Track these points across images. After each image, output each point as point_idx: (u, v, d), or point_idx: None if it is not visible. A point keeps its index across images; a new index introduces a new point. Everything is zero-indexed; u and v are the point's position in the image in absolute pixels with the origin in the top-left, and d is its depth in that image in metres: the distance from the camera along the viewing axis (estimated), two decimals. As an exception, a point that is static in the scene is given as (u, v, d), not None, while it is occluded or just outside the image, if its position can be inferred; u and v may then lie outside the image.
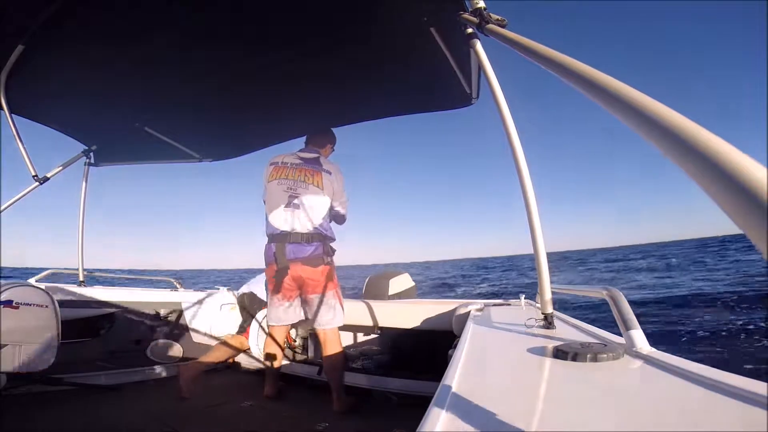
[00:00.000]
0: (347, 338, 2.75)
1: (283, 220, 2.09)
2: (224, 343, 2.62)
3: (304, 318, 2.29)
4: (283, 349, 2.36)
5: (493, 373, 0.72)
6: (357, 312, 2.65)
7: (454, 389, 0.62)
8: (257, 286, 2.93)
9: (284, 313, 2.22)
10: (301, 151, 2.31)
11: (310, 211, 2.09)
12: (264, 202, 2.22)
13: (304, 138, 2.49)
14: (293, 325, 2.64)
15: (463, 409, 0.54)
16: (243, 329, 2.77)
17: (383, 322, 2.66)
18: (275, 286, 2.15)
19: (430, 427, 0.47)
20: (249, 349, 2.63)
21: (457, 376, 0.69)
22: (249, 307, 2.87)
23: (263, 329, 2.70)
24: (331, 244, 2.23)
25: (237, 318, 3.00)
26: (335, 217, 2.28)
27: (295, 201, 2.09)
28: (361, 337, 2.84)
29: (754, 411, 0.49)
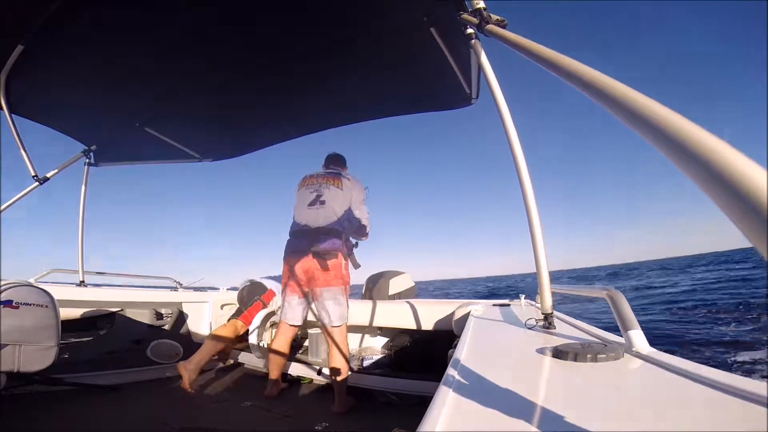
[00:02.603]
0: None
1: (305, 216, 2.27)
2: (218, 331, 2.62)
3: (314, 317, 2.33)
4: (289, 350, 2.38)
5: (493, 373, 0.72)
6: (357, 312, 2.65)
7: (454, 389, 0.62)
8: (264, 281, 2.95)
9: (296, 310, 2.29)
10: (325, 169, 2.55)
11: (330, 208, 2.26)
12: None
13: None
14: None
15: (463, 409, 0.54)
16: (238, 314, 2.76)
17: (383, 322, 2.66)
18: (289, 278, 2.25)
19: (430, 427, 0.47)
20: (248, 332, 2.63)
21: (457, 376, 0.69)
22: (247, 297, 2.87)
23: (264, 328, 2.70)
24: (349, 244, 2.35)
25: None
26: (357, 228, 2.40)
27: (320, 199, 2.29)
28: (361, 337, 2.84)
29: (754, 411, 0.49)
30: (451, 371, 0.72)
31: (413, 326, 2.53)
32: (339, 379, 2.13)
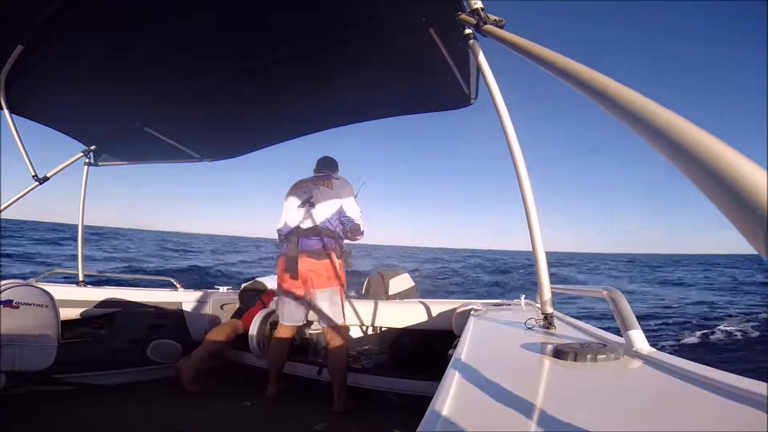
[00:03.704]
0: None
1: (296, 217, 2.28)
2: (217, 330, 2.62)
3: (309, 317, 2.33)
4: (289, 350, 2.38)
5: (493, 373, 0.72)
6: (357, 312, 2.65)
7: (454, 389, 0.62)
8: (266, 280, 2.95)
9: (293, 310, 2.28)
10: (316, 173, 2.55)
11: (321, 208, 2.27)
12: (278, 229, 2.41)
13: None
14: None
15: (463, 409, 0.54)
16: (239, 315, 2.75)
17: (383, 322, 2.66)
18: (284, 279, 2.25)
19: (430, 427, 0.47)
20: (244, 332, 2.62)
21: (457, 376, 0.69)
22: (249, 296, 2.86)
23: (265, 328, 2.70)
24: (341, 242, 2.34)
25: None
26: (352, 228, 2.39)
27: (310, 200, 2.29)
28: (361, 337, 2.84)
29: (754, 411, 0.49)
30: (451, 371, 0.72)
31: (413, 326, 2.53)
32: (338, 379, 2.13)
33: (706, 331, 6.50)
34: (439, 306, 2.52)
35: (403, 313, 2.59)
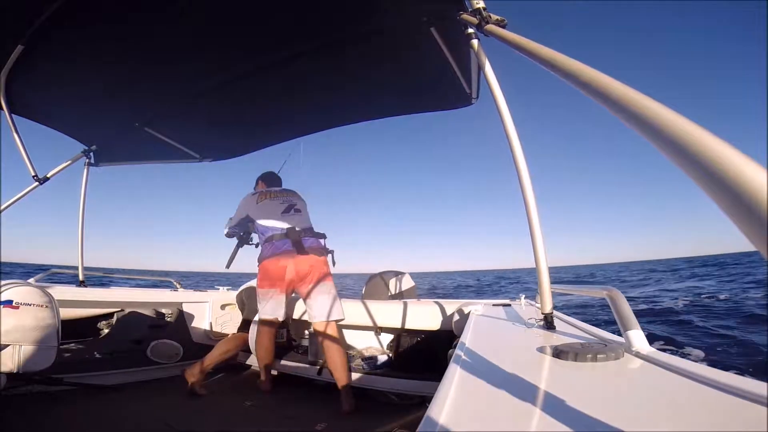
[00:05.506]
0: (347, 338, 2.75)
1: (284, 221, 2.31)
2: (225, 341, 2.63)
3: (307, 316, 2.35)
4: (274, 342, 2.41)
5: (494, 373, 0.72)
6: (357, 312, 2.65)
7: (454, 389, 0.62)
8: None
9: (279, 306, 2.31)
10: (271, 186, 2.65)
11: (305, 214, 2.43)
12: (240, 233, 2.60)
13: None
14: (295, 325, 2.65)
15: (463, 409, 0.54)
16: (244, 325, 2.76)
17: (383, 322, 2.66)
18: (273, 277, 2.27)
19: (430, 427, 0.47)
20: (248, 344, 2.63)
21: (457, 376, 0.69)
22: (248, 302, 2.86)
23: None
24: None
25: (237, 317, 3.00)
26: None
27: (295, 207, 2.38)
28: (361, 337, 2.84)
29: (754, 410, 0.49)
30: (451, 371, 0.72)
31: (413, 326, 2.53)
32: (342, 377, 2.13)
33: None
34: (439, 306, 2.52)
35: (403, 313, 2.59)
